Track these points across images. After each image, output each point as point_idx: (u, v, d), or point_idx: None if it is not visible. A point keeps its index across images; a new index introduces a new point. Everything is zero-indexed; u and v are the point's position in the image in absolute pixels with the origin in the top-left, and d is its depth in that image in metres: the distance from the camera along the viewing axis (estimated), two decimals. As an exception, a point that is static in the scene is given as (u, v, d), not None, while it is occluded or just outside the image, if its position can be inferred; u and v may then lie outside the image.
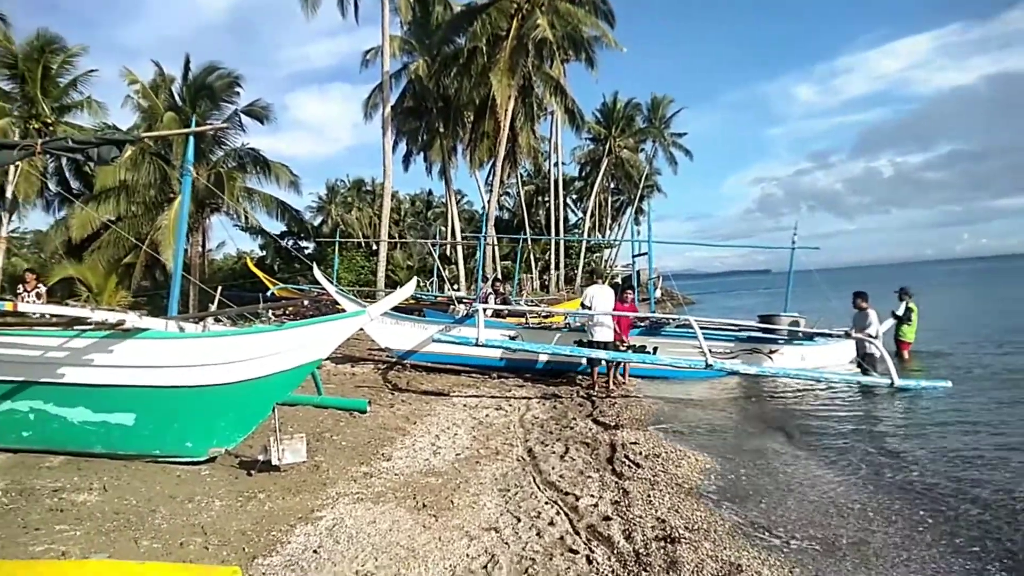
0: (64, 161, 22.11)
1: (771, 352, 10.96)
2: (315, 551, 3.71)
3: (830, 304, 11.60)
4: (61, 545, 3.54)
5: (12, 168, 12.92)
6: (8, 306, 4.46)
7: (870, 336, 9.92)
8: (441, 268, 25.20)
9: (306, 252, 33.67)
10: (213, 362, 4.98)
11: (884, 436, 7.14)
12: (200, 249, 25.67)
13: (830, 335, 10.81)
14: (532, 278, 42.35)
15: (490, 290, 12.22)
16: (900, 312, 11.52)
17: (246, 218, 25.40)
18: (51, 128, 20.11)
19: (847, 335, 10.38)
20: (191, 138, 6.85)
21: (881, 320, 10.69)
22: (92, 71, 22.86)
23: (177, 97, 23.88)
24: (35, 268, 14.52)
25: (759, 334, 11.15)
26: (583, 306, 10.13)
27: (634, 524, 4.18)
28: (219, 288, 10.56)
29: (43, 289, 11.09)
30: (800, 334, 10.99)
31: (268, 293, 18.10)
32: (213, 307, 9.60)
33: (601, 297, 10.01)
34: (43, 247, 25.79)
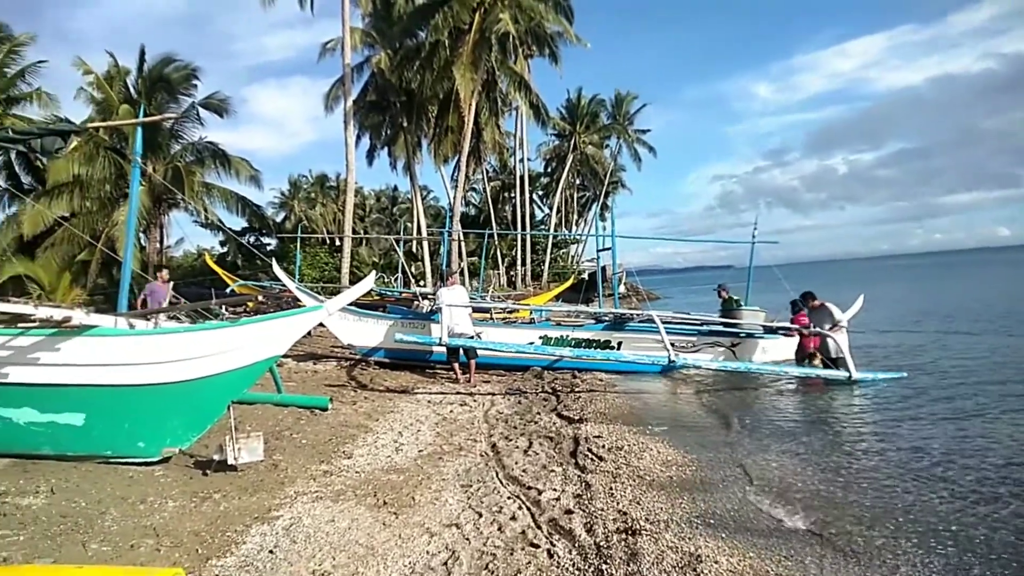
0: (13, 155, 21.40)
1: (733, 345, 11.13)
2: (271, 551, 3.64)
3: (791, 298, 11.76)
4: (3, 551, 3.40)
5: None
6: None
7: (839, 326, 9.89)
8: (406, 264, 25.02)
9: (268, 248, 33.11)
10: (165, 359, 4.84)
11: (840, 428, 7.29)
12: (158, 246, 25.12)
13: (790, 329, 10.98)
14: (499, 274, 42.39)
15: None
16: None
17: (205, 214, 24.93)
18: (-2, 121, 19.47)
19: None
20: (139, 129, 6.71)
21: (843, 309, 10.70)
22: (41, 62, 22.27)
23: (132, 89, 23.32)
24: None
25: (721, 328, 11.30)
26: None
27: (596, 517, 4.18)
28: (170, 284, 10.31)
29: None
30: (761, 327, 11.15)
31: (228, 290, 17.77)
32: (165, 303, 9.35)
33: (449, 297, 9.69)
34: (-8, 245, 24.98)
